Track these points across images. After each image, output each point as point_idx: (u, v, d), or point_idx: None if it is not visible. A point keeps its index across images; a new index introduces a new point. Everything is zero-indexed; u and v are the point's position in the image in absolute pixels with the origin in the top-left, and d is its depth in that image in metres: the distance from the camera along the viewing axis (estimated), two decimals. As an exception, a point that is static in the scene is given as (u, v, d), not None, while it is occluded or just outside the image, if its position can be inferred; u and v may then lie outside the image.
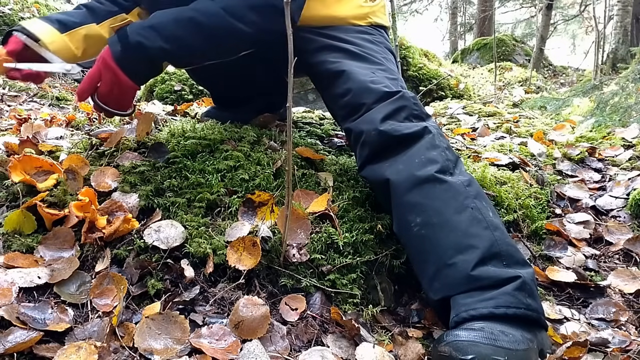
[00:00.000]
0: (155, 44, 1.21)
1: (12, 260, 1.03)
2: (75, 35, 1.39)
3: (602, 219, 1.65)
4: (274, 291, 1.11)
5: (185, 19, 1.22)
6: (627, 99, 2.67)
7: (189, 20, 1.22)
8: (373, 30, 1.50)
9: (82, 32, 1.41)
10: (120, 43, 1.22)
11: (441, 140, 1.20)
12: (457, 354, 0.87)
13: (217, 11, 1.22)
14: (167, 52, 1.23)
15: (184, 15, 1.23)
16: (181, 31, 1.22)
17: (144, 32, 1.21)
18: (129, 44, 1.21)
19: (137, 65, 1.24)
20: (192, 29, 1.22)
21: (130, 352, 0.90)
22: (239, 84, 1.69)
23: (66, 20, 1.40)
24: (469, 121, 2.75)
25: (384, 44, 1.50)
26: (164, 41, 1.21)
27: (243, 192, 1.28)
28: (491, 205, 1.14)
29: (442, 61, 6.04)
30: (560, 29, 13.06)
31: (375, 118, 1.21)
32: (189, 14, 1.22)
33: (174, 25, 1.22)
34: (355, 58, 1.36)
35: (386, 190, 1.17)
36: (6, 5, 3.70)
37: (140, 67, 1.25)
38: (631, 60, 5.20)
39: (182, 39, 1.23)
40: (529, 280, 0.99)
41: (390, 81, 1.30)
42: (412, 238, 1.11)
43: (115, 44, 1.23)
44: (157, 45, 1.21)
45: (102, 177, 1.27)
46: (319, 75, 1.41)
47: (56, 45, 1.35)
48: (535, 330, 0.96)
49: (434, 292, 1.05)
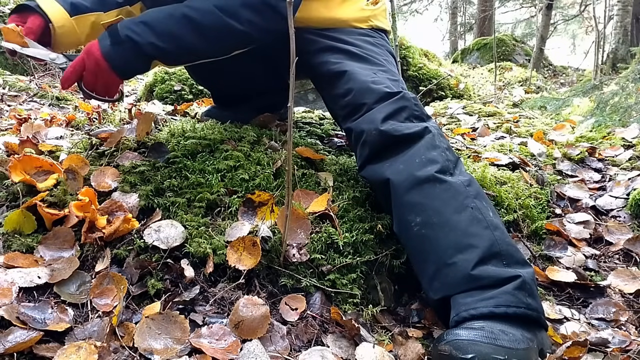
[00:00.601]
0: (146, 40, 1.20)
1: (12, 260, 1.03)
2: (84, 20, 1.39)
3: (602, 219, 1.65)
4: (274, 291, 1.11)
5: (179, 15, 1.21)
6: (627, 99, 2.67)
7: (182, 17, 1.21)
8: (374, 33, 1.51)
9: (91, 19, 1.40)
10: (110, 37, 1.22)
11: (441, 140, 1.20)
12: (458, 353, 0.87)
13: (211, 9, 1.21)
14: (158, 48, 1.22)
15: (178, 12, 1.22)
16: (173, 28, 1.22)
17: (135, 28, 1.21)
18: (118, 39, 1.20)
19: (125, 60, 1.24)
20: (184, 26, 1.22)
21: (130, 352, 0.90)
22: (239, 83, 1.69)
23: (79, 3, 1.39)
24: (469, 121, 2.75)
25: (385, 46, 1.51)
26: (155, 37, 1.20)
27: (243, 192, 1.28)
28: (491, 205, 1.14)
29: (442, 61, 6.04)
30: (560, 29, 13.06)
31: (376, 118, 1.22)
32: (182, 11, 1.22)
33: (167, 21, 1.22)
34: (357, 59, 1.37)
35: (386, 190, 1.17)
36: (6, 5, 3.70)
37: (129, 62, 1.25)
38: (631, 60, 5.20)
39: (174, 35, 1.22)
40: (529, 280, 0.99)
41: (392, 82, 1.30)
42: (412, 238, 1.11)
43: (104, 38, 1.23)
44: (147, 41, 1.20)
45: (102, 177, 1.27)
46: (321, 76, 1.41)
47: (64, 29, 1.34)
48: (535, 329, 0.96)
49: (434, 292, 1.05)
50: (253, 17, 1.24)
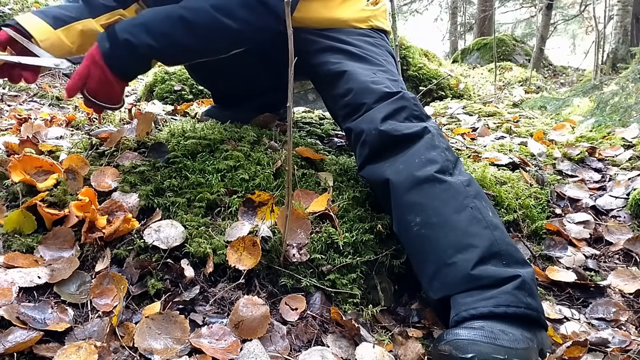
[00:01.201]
0: (144, 42, 1.20)
1: (12, 260, 1.03)
2: (71, 31, 1.38)
3: (602, 219, 1.65)
4: (274, 291, 1.11)
5: (176, 17, 1.21)
6: (627, 99, 2.67)
7: (179, 17, 1.21)
8: (374, 34, 1.51)
9: (79, 28, 1.39)
10: (109, 41, 1.21)
11: (441, 140, 1.20)
12: (457, 353, 0.87)
13: (206, 8, 1.21)
14: (155, 49, 1.22)
15: (175, 13, 1.22)
16: (170, 29, 1.21)
17: (133, 30, 1.20)
18: (117, 42, 1.20)
19: (126, 63, 1.24)
20: (181, 26, 1.21)
21: (130, 352, 0.90)
22: (239, 83, 1.70)
23: (62, 14, 1.38)
24: (469, 121, 2.75)
25: (385, 47, 1.51)
26: (152, 39, 1.20)
27: (243, 192, 1.28)
28: (491, 205, 1.14)
29: (442, 61, 6.03)
30: (560, 29, 13.06)
31: (375, 117, 1.22)
32: (179, 12, 1.21)
33: (164, 22, 1.21)
34: (357, 59, 1.37)
35: (386, 190, 1.17)
36: (6, 5, 3.70)
37: (128, 64, 1.25)
38: (631, 60, 5.20)
39: (171, 36, 1.22)
40: (528, 280, 0.99)
41: (391, 82, 1.31)
42: (411, 238, 1.11)
43: (103, 41, 1.22)
44: (145, 43, 1.20)
45: (102, 177, 1.27)
46: (320, 76, 1.41)
47: (49, 42, 1.33)
48: (535, 329, 0.96)
49: (434, 292, 1.05)
50: (248, 16, 1.23)
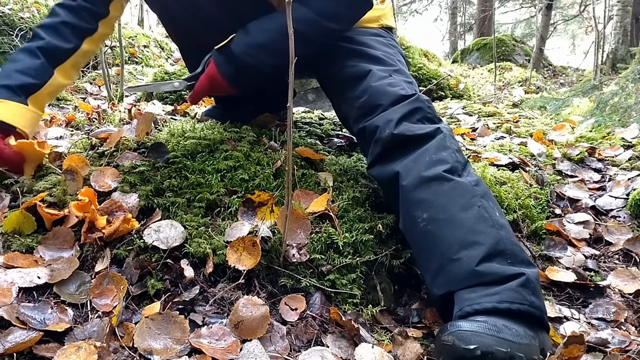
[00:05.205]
0: (266, 63, 1.29)
1: (12, 260, 1.03)
2: (39, 97, 1.32)
3: (602, 219, 1.65)
4: (273, 291, 1.11)
5: (287, 31, 1.20)
6: (626, 99, 2.67)
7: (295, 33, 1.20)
8: (385, 32, 1.52)
9: (45, 92, 1.33)
10: (231, 65, 1.30)
11: (452, 142, 1.21)
12: (460, 344, 0.87)
13: (313, 19, 1.26)
14: (277, 67, 1.29)
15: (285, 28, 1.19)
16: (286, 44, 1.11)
17: (254, 53, 1.28)
18: (241, 66, 1.29)
19: (249, 83, 1.37)
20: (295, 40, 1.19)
21: (130, 352, 0.90)
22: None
23: (27, 83, 1.30)
24: (468, 121, 2.75)
25: (397, 47, 1.52)
26: (274, 59, 1.28)
27: (243, 192, 1.28)
28: (498, 206, 1.14)
29: (442, 61, 6.03)
30: (560, 29, 13.05)
31: (391, 118, 1.23)
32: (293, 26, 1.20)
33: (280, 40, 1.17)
34: (373, 61, 1.38)
35: (394, 187, 1.18)
36: (6, 5, 3.70)
37: (251, 83, 1.38)
38: (631, 60, 5.20)
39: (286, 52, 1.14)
40: (533, 279, 0.99)
41: (407, 84, 1.32)
42: (417, 234, 1.12)
43: (225, 66, 1.30)
44: (268, 64, 1.29)
45: (102, 177, 1.27)
46: (334, 77, 1.42)
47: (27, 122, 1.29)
48: (538, 329, 0.96)
49: (438, 287, 1.05)
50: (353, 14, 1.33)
